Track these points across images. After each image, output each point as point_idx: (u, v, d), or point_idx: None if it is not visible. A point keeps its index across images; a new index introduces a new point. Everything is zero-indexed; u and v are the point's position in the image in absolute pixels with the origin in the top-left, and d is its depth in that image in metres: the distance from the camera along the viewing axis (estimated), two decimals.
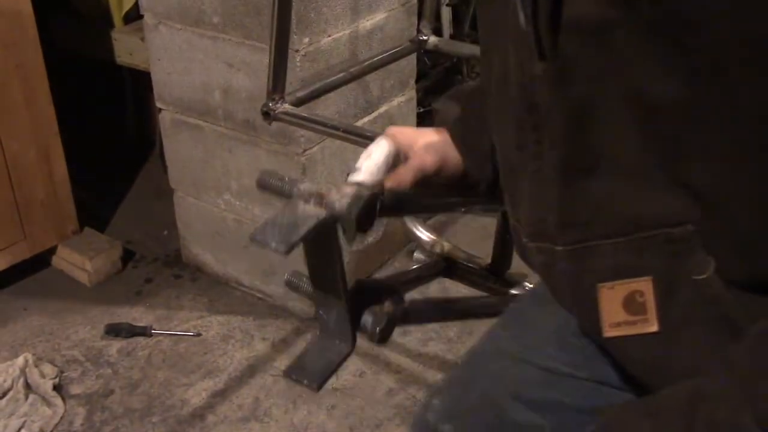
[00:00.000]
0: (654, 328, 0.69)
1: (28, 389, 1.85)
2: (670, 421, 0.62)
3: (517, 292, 1.33)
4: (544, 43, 0.65)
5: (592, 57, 0.64)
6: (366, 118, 2.05)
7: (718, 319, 0.67)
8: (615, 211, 0.69)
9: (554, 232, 0.74)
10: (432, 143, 0.92)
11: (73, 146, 2.24)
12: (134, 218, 2.55)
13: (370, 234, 2.15)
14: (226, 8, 1.84)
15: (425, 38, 1.90)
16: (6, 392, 1.82)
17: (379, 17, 1.99)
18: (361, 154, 0.89)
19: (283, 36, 1.45)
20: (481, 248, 1.44)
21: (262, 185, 0.89)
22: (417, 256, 1.44)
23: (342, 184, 0.79)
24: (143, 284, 2.27)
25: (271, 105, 1.49)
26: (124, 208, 2.60)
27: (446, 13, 2.51)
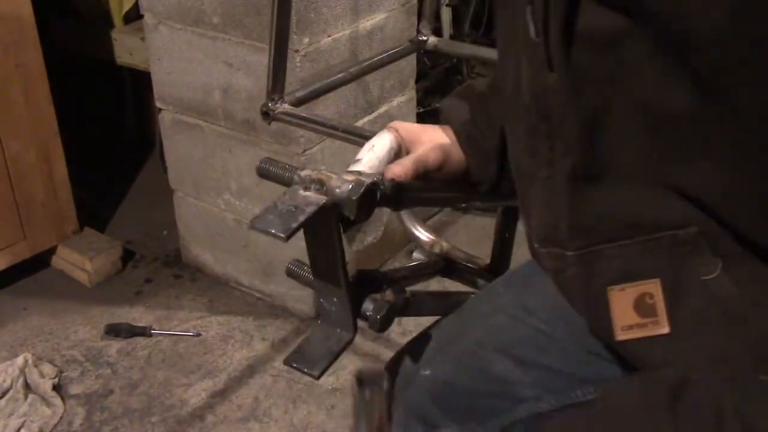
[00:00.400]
0: (665, 329, 0.69)
1: (28, 389, 1.85)
2: None
3: None
4: (554, 55, 0.65)
5: (603, 68, 0.64)
6: (366, 119, 2.05)
7: (728, 318, 0.67)
8: (622, 215, 0.69)
9: (565, 238, 0.74)
10: (436, 139, 0.92)
11: (73, 146, 2.24)
12: (134, 218, 2.55)
13: (371, 234, 2.16)
14: (226, 8, 1.84)
15: (425, 38, 1.90)
16: (5, 392, 1.82)
17: (379, 17, 1.99)
18: (364, 146, 0.88)
19: (282, 36, 1.45)
20: (480, 248, 1.43)
21: (262, 173, 0.88)
22: (416, 256, 1.44)
23: (343, 172, 0.79)
24: (143, 284, 2.27)
25: (270, 105, 1.48)
26: (124, 208, 2.60)
27: (446, 14, 2.52)
